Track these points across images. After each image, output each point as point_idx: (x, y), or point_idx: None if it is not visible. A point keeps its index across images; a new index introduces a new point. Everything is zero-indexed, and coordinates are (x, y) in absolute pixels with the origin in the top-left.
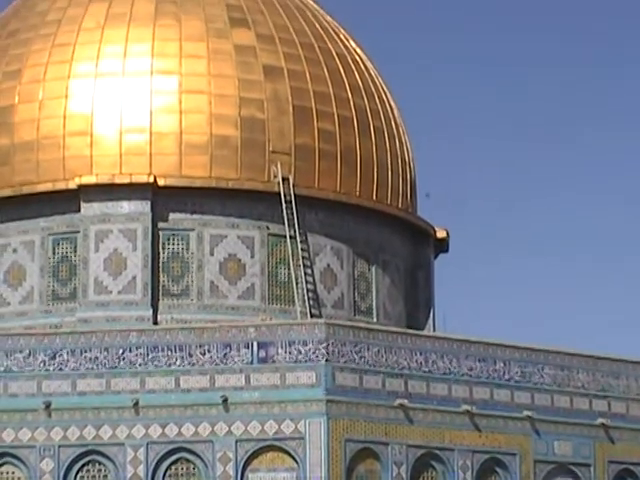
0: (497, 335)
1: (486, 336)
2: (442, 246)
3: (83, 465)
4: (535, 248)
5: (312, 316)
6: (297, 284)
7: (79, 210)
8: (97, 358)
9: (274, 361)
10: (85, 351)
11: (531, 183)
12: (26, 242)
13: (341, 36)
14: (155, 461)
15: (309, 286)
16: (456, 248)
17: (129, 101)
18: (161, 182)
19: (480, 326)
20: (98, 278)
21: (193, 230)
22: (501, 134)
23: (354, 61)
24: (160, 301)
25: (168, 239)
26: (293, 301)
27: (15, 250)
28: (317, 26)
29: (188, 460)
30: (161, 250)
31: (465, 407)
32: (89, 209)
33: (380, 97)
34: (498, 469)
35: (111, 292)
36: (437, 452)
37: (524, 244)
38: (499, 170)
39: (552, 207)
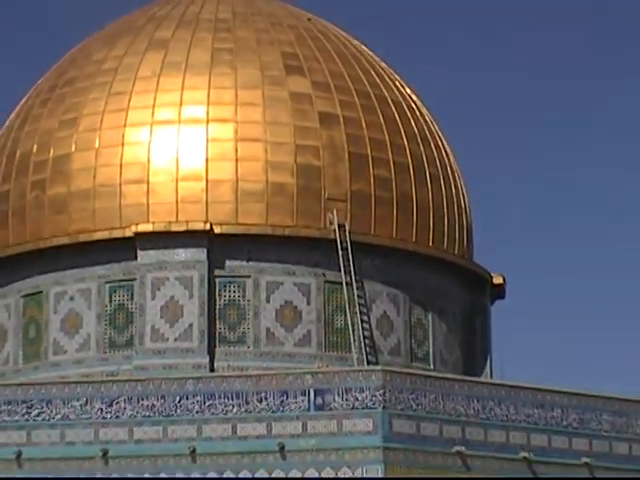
0: (554, 381)
1: (543, 382)
2: (499, 292)
3: None
4: (592, 293)
5: (369, 363)
6: (353, 331)
7: (135, 258)
8: (154, 406)
9: (331, 408)
10: (142, 399)
11: (589, 228)
12: (83, 290)
13: (396, 83)
14: None
15: (365, 333)
16: (512, 294)
17: (185, 149)
18: (217, 230)
19: (537, 372)
20: (155, 326)
21: (249, 277)
22: (558, 177)
23: (410, 108)
24: (217, 348)
25: (224, 286)
26: (349, 348)
27: (72, 298)
28: (372, 73)
29: None
30: (217, 297)
31: (523, 454)
32: (145, 257)
33: (436, 143)
34: None
35: (168, 339)
36: None
37: (580, 289)
38: (556, 215)
39: (609, 251)
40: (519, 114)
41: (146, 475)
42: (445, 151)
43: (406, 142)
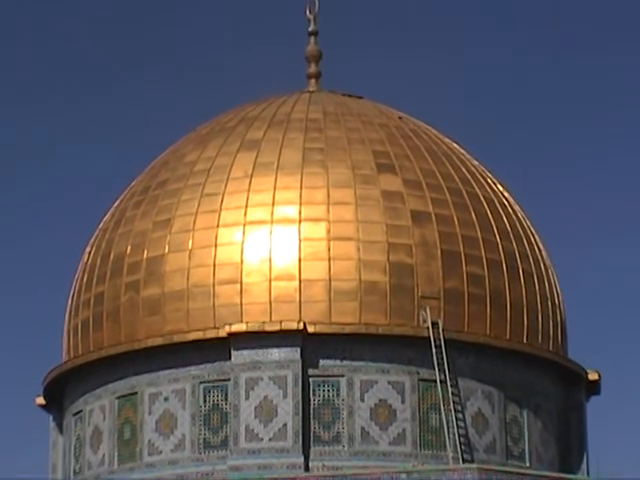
0: None
1: None
2: (594, 388)
3: None
4: None
5: (464, 461)
6: (448, 429)
7: (229, 358)
8: None
9: None
10: None
11: None
12: (177, 390)
13: (488, 180)
14: None
15: (460, 431)
16: (608, 390)
17: (278, 249)
18: (311, 329)
19: (635, 469)
20: (249, 426)
21: (343, 376)
22: None
23: (501, 204)
24: (311, 448)
25: (318, 386)
26: (445, 446)
27: (167, 399)
28: (464, 170)
29: None
30: (312, 397)
31: None
32: (239, 357)
33: (528, 240)
34: None
35: (262, 439)
36: None
37: None
38: None
39: None
40: (610, 208)
41: None
42: (538, 247)
43: (498, 239)
